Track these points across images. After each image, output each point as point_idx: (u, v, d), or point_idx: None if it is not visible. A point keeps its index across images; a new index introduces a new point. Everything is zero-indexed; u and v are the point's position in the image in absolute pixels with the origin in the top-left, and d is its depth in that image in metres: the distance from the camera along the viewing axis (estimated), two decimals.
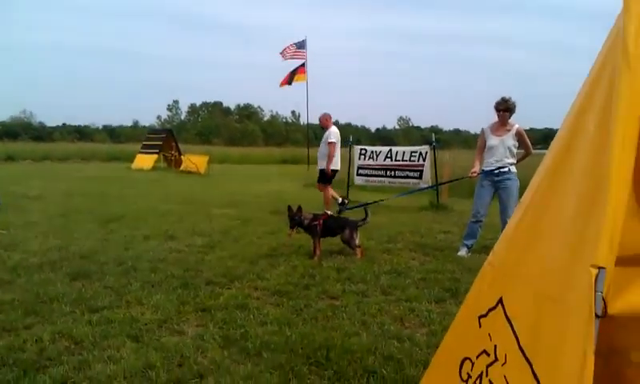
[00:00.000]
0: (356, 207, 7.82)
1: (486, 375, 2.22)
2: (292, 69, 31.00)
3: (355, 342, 4.15)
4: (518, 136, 7.30)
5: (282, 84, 31.03)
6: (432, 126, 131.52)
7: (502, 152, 7.26)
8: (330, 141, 10.78)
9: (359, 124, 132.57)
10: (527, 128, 7.28)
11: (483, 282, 2.44)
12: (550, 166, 2.16)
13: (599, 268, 1.64)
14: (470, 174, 7.53)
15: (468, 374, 2.35)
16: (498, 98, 7.30)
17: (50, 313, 4.90)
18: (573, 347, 1.72)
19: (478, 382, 2.27)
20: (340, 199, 11.11)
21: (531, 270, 2.11)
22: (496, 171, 7.22)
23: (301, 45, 30.99)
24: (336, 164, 11.05)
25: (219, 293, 5.52)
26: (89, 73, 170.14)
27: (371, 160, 13.34)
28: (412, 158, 12.51)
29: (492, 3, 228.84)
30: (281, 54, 30.75)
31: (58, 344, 4.18)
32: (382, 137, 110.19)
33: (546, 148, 2.26)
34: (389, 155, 12.97)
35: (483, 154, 7.48)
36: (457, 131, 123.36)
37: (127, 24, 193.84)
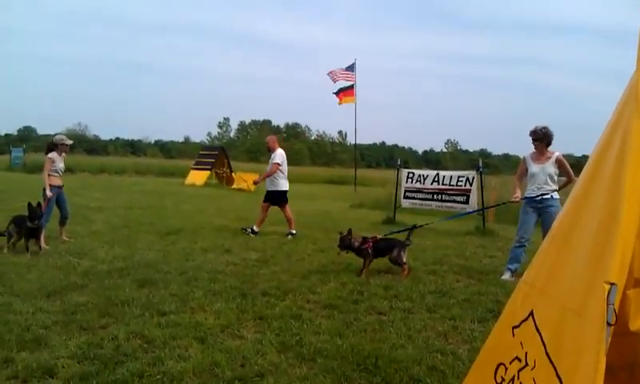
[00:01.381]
0: (403, 231, 8.11)
1: (518, 378, 2.55)
2: (344, 87, 31.63)
3: (401, 353, 4.51)
4: (559, 163, 7.56)
5: (340, 101, 31.65)
6: (481, 150, 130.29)
7: (542, 179, 7.54)
8: (275, 161, 11.20)
9: (406, 145, 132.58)
10: (580, 155, 7.58)
11: (517, 297, 2.79)
12: (576, 196, 2.55)
13: (611, 284, 2.01)
14: (512, 199, 7.82)
15: (502, 377, 2.69)
16: (531, 128, 7.61)
17: (122, 315, 5.41)
18: (590, 352, 2.07)
19: None
20: (255, 229, 11.19)
21: (558, 287, 2.47)
22: (538, 198, 7.47)
23: (350, 67, 31.59)
24: (283, 185, 11.48)
25: (274, 303, 5.94)
26: (142, 88, 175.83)
27: (418, 183, 13.64)
28: (459, 183, 12.74)
29: (547, 25, 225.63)
30: (330, 75, 31.39)
31: (132, 342, 4.65)
32: (429, 159, 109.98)
33: None
34: (436, 179, 13.24)
35: (525, 181, 7.78)
36: (506, 156, 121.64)
37: (180, 40, 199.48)
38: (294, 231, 11.12)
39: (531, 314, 2.57)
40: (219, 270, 7.53)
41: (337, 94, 31.88)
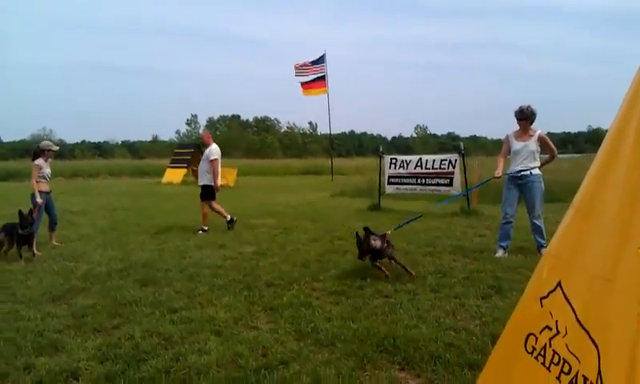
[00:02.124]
0: (403, 225, 8.10)
1: (550, 346, 2.69)
2: (311, 79, 31.66)
3: (416, 333, 4.64)
4: (541, 141, 7.79)
5: (303, 91, 31.66)
6: (449, 133, 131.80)
7: (525, 156, 7.77)
8: (212, 158, 11.11)
9: (375, 132, 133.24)
10: (545, 133, 7.77)
11: (543, 269, 2.92)
12: (597, 171, 2.69)
13: None
14: (495, 175, 8.00)
15: (533, 346, 2.83)
16: (517, 108, 7.79)
17: (132, 314, 5.45)
18: (622, 314, 2.22)
19: (542, 352, 2.74)
20: (229, 217, 11.25)
21: (585, 257, 2.61)
22: (520, 175, 7.70)
23: (320, 60, 31.63)
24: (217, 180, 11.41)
25: (281, 293, 6.03)
26: (106, 89, 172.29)
27: (402, 169, 13.80)
28: (442, 166, 12.93)
29: (506, 6, 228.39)
30: (296, 69, 31.42)
31: (149, 340, 4.69)
32: (399, 145, 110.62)
33: (565, 152, 2.79)
34: (419, 163, 13.41)
35: (508, 159, 7.98)
36: (474, 138, 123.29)
37: (144, 40, 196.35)
38: (206, 228, 10.97)
39: (559, 284, 2.70)
40: (218, 265, 7.59)
41: (303, 84, 31.86)
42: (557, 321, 2.67)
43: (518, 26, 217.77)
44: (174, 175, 28.83)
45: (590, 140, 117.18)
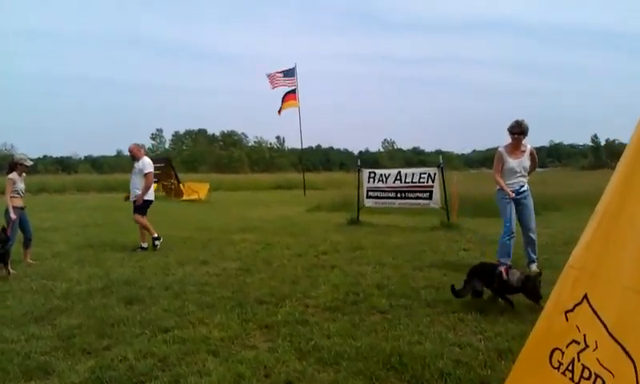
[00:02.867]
0: None
1: (578, 360, 2.62)
2: (283, 94, 31.63)
3: (421, 349, 4.54)
4: (531, 156, 7.82)
5: (279, 111, 31.58)
6: (414, 148, 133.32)
7: (520, 173, 7.76)
8: (147, 171, 10.72)
9: (342, 147, 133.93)
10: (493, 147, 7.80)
11: (566, 282, 2.85)
12: (620, 181, 2.64)
13: None
14: (510, 197, 7.72)
15: (559, 361, 2.75)
16: (512, 122, 7.69)
17: (121, 334, 5.23)
18: None
19: (570, 367, 2.67)
20: (155, 234, 10.75)
21: (613, 268, 2.55)
22: (519, 191, 7.70)
23: (290, 72, 31.62)
24: (151, 194, 11.06)
25: (275, 311, 5.88)
26: (68, 102, 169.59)
27: (380, 182, 13.77)
28: (421, 180, 12.95)
29: (465, 23, 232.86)
30: (269, 81, 31.34)
31: (144, 362, 4.49)
32: (365, 160, 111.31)
33: None
34: (398, 177, 13.39)
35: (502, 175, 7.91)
36: (438, 151, 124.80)
37: (105, 52, 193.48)
38: (146, 245, 10.65)
39: (585, 297, 2.63)
40: (204, 282, 7.40)
41: (279, 111, 31.74)
42: (585, 335, 2.60)
43: (482, 40, 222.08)
44: None
45: (551, 154, 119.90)
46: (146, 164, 10.81)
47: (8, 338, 5.16)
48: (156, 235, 10.62)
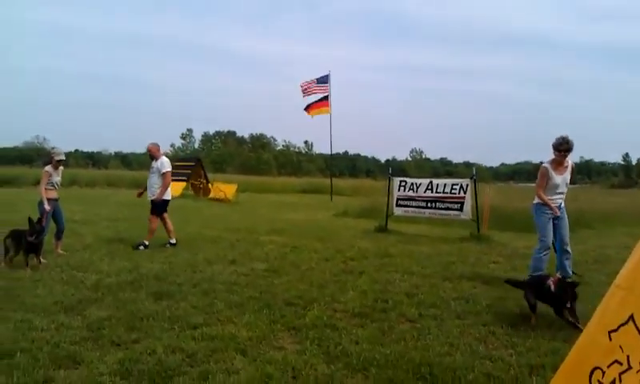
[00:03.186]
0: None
1: (620, 381, 2.55)
2: (316, 99, 31.72)
3: (451, 361, 4.47)
4: (572, 172, 7.77)
5: (309, 112, 31.69)
6: (441, 159, 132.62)
7: (563, 189, 7.71)
8: (165, 170, 10.74)
9: (369, 154, 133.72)
10: (538, 161, 7.69)
11: (611, 301, 2.78)
12: None
13: None
14: (555, 214, 7.62)
15: (599, 381, 2.67)
16: (558, 139, 7.54)
17: (150, 329, 5.26)
18: None
19: None
20: (147, 242, 10.44)
21: None
22: (560, 207, 7.63)
23: (324, 79, 31.70)
24: (167, 194, 11.08)
25: (302, 314, 5.85)
26: (101, 99, 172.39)
27: (411, 191, 13.66)
28: (453, 191, 12.83)
29: (508, 38, 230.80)
30: (302, 90, 31.50)
31: (172, 357, 4.50)
32: (392, 168, 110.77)
33: None
34: (429, 187, 13.28)
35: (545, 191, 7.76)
36: (466, 163, 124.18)
37: (141, 52, 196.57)
38: (174, 241, 10.71)
39: (631, 317, 2.56)
40: (232, 282, 7.40)
41: (307, 109, 31.91)
42: (628, 356, 2.53)
43: (513, 54, 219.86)
44: (174, 188, 28.31)
45: (581, 171, 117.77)
46: (165, 163, 10.82)
47: (38, 327, 5.21)
48: (147, 243, 10.39)
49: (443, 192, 12.99)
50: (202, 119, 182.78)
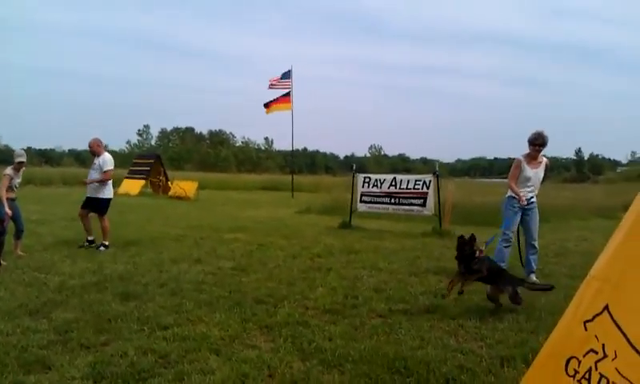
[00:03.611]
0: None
1: (596, 369, 2.64)
2: (276, 96, 31.68)
3: (424, 354, 4.54)
4: (545, 168, 7.96)
5: (267, 109, 31.61)
6: (399, 155, 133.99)
7: (535, 183, 7.87)
8: (107, 168, 10.35)
9: (328, 151, 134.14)
10: (492, 158, 7.86)
11: (586, 292, 2.87)
12: None
13: None
14: (521, 204, 7.76)
15: (575, 370, 2.76)
16: (534, 133, 7.73)
17: (119, 330, 5.16)
18: None
19: (587, 375, 2.68)
20: (92, 238, 10.42)
21: (639, 282, 2.57)
22: (529, 200, 7.79)
23: (286, 74, 31.68)
24: (109, 192, 10.70)
25: (274, 311, 5.85)
26: (53, 94, 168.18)
27: (375, 188, 13.78)
28: (416, 186, 13.00)
29: (459, 36, 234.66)
30: (271, 85, 31.46)
31: (145, 358, 4.44)
32: (350, 164, 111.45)
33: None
34: (393, 183, 13.42)
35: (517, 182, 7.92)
36: (424, 160, 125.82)
37: (95, 47, 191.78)
38: (107, 243, 10.21)
39: (606, 307, 2.65)
40: (200, 281, 7.34)
41: (266, 105, 31.85)
42: (603, 344, 2.62)
43: (469, 52, 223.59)
44: (132, 186, 28.04)
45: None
46: (107, 161, 10.43)
47: (3, 331, 5.07)
48: (91, 239, 10.33)
49: (407, 188, 13.15)
50: (159, 115, 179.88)
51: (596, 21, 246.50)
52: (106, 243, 10.14)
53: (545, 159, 7.94)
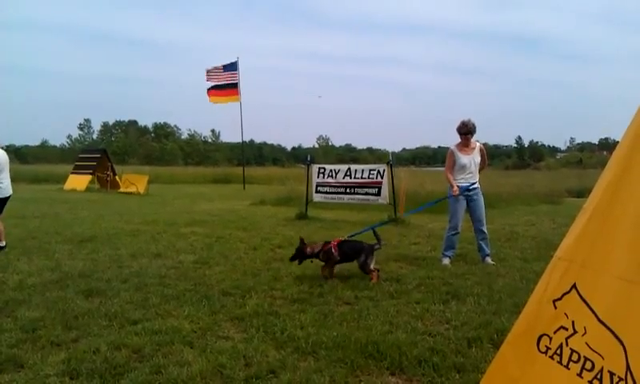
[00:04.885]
0: (363, 232, 8.17)
1: (566, 345, 2.81)
2: (215, 85, 31.36)
3: (394, 338, 4.68)
4: (481, 153, 8.18)
5: (210, 98, 31.29)
6: (346, 144, 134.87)
7: (472, 169, 8.10)
8: None
9: (275, 142, 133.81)
10: (436, 146, 8.17)
11: (554, 272, 3.04)
12: (611, 179, 2.84)
13: None
14: (454, 193, 8.07)
15: (546, 346, 2.93)
16: (459, 123, 8.08)
17: (88, 326, 5.12)
18: None
19: (558, 351, 2.85)
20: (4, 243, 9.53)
21: (603, 259, 2.75)
22: (470, 187, 8.01)
23: (232, 66, 31.41)
24: (7, 190, 9.71)
25: (242, 303, 5.89)
26: None
27: (330, 178, 13.91)
28: (370, 176, 13.20)
29: (401, 25, 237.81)
30: (206, 77, 31.10)
31: (118, 353, 4.42)
32: (299, 155, 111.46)
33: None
34: (348, 173, 13.58)
35: (453, 172, 8.23)
36: (370, 149, 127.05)
37: (30, 38, 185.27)
38: (4, 244, 9.47)
39: (574, 286, 2.83)
40: (162, 275, 7.30)
41: (209, 90, 31.54)
42: (573, 321, 2.78)
43: (410, 42, 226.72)
44: (78, 182, 27.39)
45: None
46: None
47: None
48: (4, 244, 9.46)
49: (362, 177, 13.34)
50: (101, 108, 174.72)
51: (532, 9, 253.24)
52: (3, 244, 9.43)
53: (478, 144, 8.23)
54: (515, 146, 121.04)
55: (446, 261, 8.05)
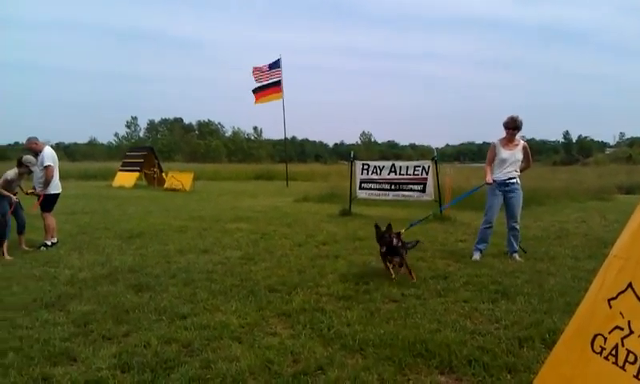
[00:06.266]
0: (415, 224, 8.34)
1: (622, 345, 2.72)
2: (261, 85, 31.50)
3: (443, 337, 4.62)
4: (524, 151, 8.05)
5: (256, 99, 31.47)
6: (389, 141, 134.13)
7: (512, 164, 8.01)
8: (46, 163, 9.63)
9: (317, 139, 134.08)
10: (481, 142, 8.07)
11: (609, 271, 2.95)
12: None
13: None
14: (487, 181, 8.11)
15: (601, 346, 2.85)
16: (507, 118, 8.00)
17: (138, 321, 5.22)
18: None
19: (613, 352, 2.77)
20: (56, 239, 9.78)
21: None
22: (507, 182, 7.94)
23: (276, 64, 31.52)
24: (57, 187, 10.02)
25: (288, 299, 5.92)
26: (37, 89, 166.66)
27: (374, 174, 13.84)
28: (415, 172, 13.08)
29: (449, 22, 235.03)
30: (254, 75, 31.27)
31: (169, 348, 4.50)
32: (341, 152, 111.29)
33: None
34: (392, 169, 13.49)
35: (493, 166, 8.15)
36: (412, 146, 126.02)
37: (79, 40, 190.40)
38: (56, 240, 9.77)
39: (630, 285, 2.74)
40: (209, 270, 7.40)
41: (254, 92, 31.70)
42: (629, 321, 2.70)
43: (457, 37, 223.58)
44: (126, 179, 27.99)
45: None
46: (45, 156, 9.70)
47: (22, 325, 5.13)
48: (55, 240, 9.78)
49: (406, 174, 13.23)
50: (147, 107, 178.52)
51: (581, 3, 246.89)
52: (48, 243, 9.63)
53: (522, 141, 8.16)
54: (563, 141, 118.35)
55: (477, 255, 8.04)
